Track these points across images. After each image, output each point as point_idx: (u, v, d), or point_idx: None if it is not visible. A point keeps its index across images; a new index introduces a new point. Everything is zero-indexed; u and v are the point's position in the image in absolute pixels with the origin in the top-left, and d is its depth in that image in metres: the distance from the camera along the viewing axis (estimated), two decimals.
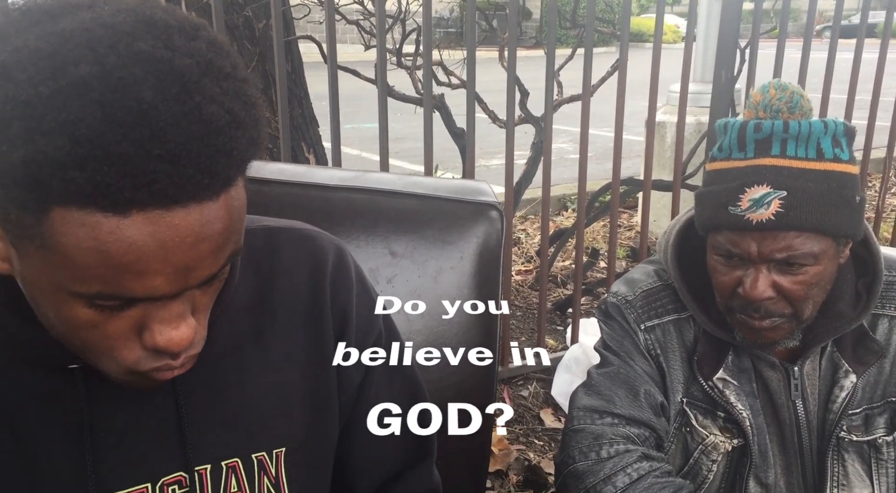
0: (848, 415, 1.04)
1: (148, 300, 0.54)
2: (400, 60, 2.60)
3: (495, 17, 3.17)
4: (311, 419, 0.76)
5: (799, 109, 0.93)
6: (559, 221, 4.10)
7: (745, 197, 0.92)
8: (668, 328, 1.08)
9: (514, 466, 1.99)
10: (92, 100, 0.46)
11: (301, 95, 2.35)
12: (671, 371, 1.08)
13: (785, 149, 0.92)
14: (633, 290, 1.11)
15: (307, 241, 0.77)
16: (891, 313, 1.05)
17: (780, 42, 2.35)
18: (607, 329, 1.13)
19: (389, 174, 1.26)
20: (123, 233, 0.49)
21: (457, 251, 1.11)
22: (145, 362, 0.58)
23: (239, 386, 0.71)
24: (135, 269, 0.50)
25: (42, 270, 0.52)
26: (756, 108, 0.95)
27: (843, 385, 1.03)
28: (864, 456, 1.06)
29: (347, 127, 6.88)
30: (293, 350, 0.74)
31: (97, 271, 0.50)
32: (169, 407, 0.67)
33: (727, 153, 0.96)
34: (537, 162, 2.74)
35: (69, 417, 0.64)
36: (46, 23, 0.50)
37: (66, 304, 0.53)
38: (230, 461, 0.70)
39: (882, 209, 2.99)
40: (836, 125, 0.93)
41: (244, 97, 0.53)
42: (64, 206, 0.48)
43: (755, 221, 0.91)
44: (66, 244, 0.49)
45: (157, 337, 0.56)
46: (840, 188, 0.92)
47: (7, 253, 0.55)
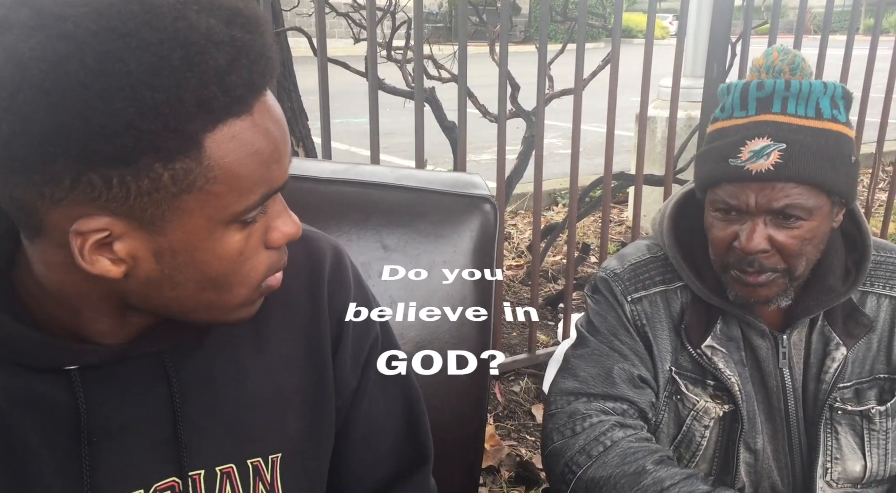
0: (839, 388, 1.07)
1: (279, 190, 0.59)
2: (390, 54, 2.58)
3: (485, 12, 3.15)
4: (308, 423, 0.74)
5: (800, 71, 0.96)
6: (550, 216, 4.09)
7: (745, 149, 0.95)
8: (654, 300, 1.11)
9: (506, 462, 1.98)
10: (205, 10, 0.51)
11: (290, 87, 2.33)
12: (658, 341, 1.10)
13: (786, 106, 0.95)
14: (623, 263, 1.15)
15: (304, 242, 0.75)
16: (878, 291, 1.09)
17: (772, 37, 2.35)
18: (592, 305, 1.15)
19: (382, 167, 1.24)
20: (259, 127, 0.54)
21: (450, 245, 1.09)
22: (274, 265, 0.63)
23: (236, 390, 0.69)
24: (276, 156, 0.56)
25: (202, 215, 0.54)
26: (759, 70, 0.98)
27: (834, 357, 1.07)
28: (856, 428, 1.09)
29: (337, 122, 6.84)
30: (291, 354, 0.73)
31: (257, 174, 0.55)
32: (165, 410, 0.66)
33: (729, 113, 0.99)
34: (528, 157, 2.73)
35: (64, 420, 0.62)
36: None
37: (221, 242, 0.56)
38: (225, 466, 0.69)
39: (871, 204, 3.00)
40: (836, 87, 0.97)
41: None
42: (211, 131, 0.51)
43: (755, 171, 0.94)
44: (230, 163, 0.53)
45: (285, 227, 0.61)
46: (837, 146, 0.96)
47: (132, 249, 0.54)
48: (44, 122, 0.47)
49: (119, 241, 0.53)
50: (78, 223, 0.51)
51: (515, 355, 2.42)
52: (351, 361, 0.77)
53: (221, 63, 0.50)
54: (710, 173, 0.99)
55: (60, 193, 0.50)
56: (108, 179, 0.50)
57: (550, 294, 2.96)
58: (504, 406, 2.24)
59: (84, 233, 0.52)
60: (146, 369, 0.65)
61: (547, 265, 3.19)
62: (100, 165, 0.49)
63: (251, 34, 0.52)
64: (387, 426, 0.82)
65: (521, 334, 2.63)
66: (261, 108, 0.54)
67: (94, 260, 0.53)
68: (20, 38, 0.47)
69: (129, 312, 0.61)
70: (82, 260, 0.53)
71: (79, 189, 0.50)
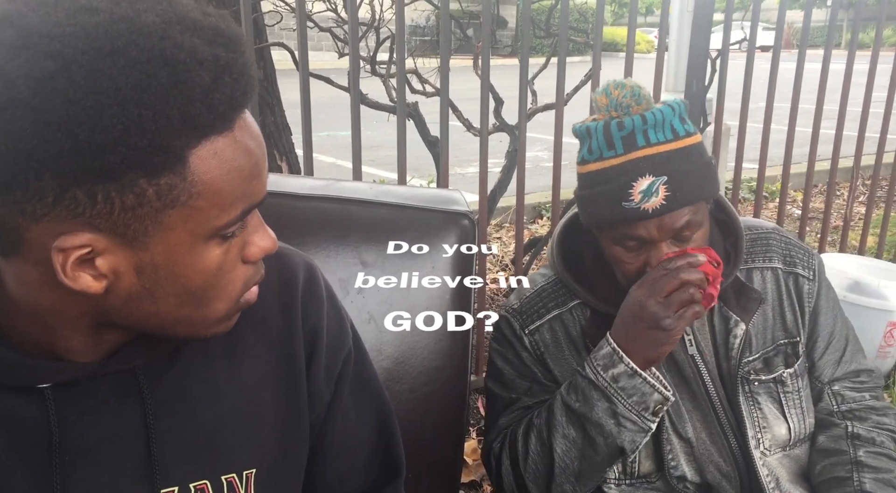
0: (749, 361, 1.14)
1: (258, 205, 0.60)
2: (374, 68, 2.59)
3: (470, 26, 3.18)
4: (282, 438, 0.75)
5: (644, 100, 1.02)
6: (534, 229, 4.11)
7: (634, 191, 1.01)
8: (552, 326, 1.19)
9: (488, 477, 1.98)
10: (188, 30, 0.52)
11: (273, 102, 2.33)
12: (560, 363, 1.18)
13: (648, 138, 1.01)
14: (520, 297, 1.23)
15: (278, 259, 0.76)
16: (760, 265, 1.19)
17: (750, 53, 2.38)
18: (496, 345, 1.24)
19: (361, 183, 1.25)
20: (240, 144, 0.55)
21: (429, 261, 1.10)
22: (251, 280, 0.64)
23: (210, 406, 0.69)
24: (256, 171, 0.57)
25: (184, 230, 0.55)
26: (607, 109, 1.04)
27: (735, 334, 1.14)
28: (773, 395, 1.15)
29: (323, 134, 6.84)
30: (264, 370, 0.73)
31: (238, 189, 0.56)
32: (138, 427, 0.66)
33: (598, 154, 1.04)
34: (512, 170, 2.74)
35: (36, 438, 0.62)
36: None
37: (201, 257, 0.57)
38: (199, 483, 0.69)
39: (850, 218, 3.04)
40: (679, 105, 1.04)
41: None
42: (195, 147, 0.52)
43: (651, 209, 1.01)
44: (213, 179, 0.54)
45: (262, 242, 0.63)
46: (700, 157, 1.04)
47: (114, 264, 0.55)
48: (31, 138, 0.48)
49: (101, 257, 0.54)
50: (60, 240, 0.52)
51: None
52: (324, 375, 0.78)
53: (206, 81, 0.51)
54: (606, 217, 1.05)
55: (43, 209, 0.50)
56: (93, 195, 0.50)
57: None
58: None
59: (66, 249, 0.52)
60: (119, 386, 0.65)
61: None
62: (85, 181, 0.49)
63: (233, 53, 0.54)
64: (360, 439, 0.83)
65: None
66: (241, 125, 0.56)
67: (76, 276, 0.54)
68: (7, 57, 0.48)
69: (105, 329, 0.61)
70: (64, 276, 0.53)
71: (62, 205, 0.50)
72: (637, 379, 1.03)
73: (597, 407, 1.05)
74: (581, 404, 1.07)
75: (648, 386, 1.04)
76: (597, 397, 1.05)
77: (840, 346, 1.21)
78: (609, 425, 1.05)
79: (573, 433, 1.08)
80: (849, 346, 1.21)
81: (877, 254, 3.15)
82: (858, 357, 1.22)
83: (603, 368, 1.05)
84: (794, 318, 1.18)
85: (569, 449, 1.09)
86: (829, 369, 1.20)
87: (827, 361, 1.20)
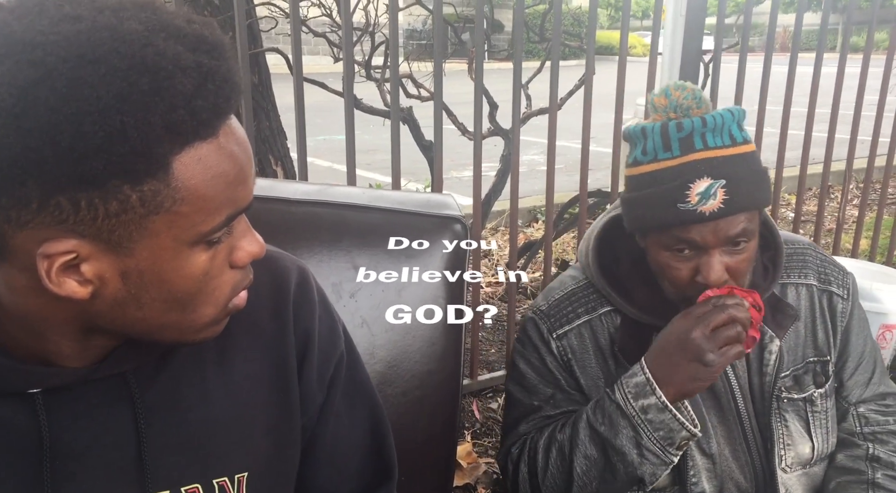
0: (781, 377, 1.13)
1: (244, 211, 0.60)
2: (370, 73, 2.60)
3: (466, 30, 3.19)
4: (274, 441, 0.75)
5: (704, 103, 1.01)
6: (530, 233, 4.12)
7: (691, 192, 0.98)
8: (580, 332, 1.16)
9: (483, 479, 1.98)
10: (171, 38, 0.53)
11: (268, 107, 2.34)
12: (586, 371, 1.15)
13: (706, 141, 0.99)
14: (548, 299, 1.20)
15: (269, 262, 0.76)
16: (795, 281, 1.17)
17: (742, 56, 2.39)
18: (519, 347, 1.22)
19: (354, 188, 1.25)
20: (225, 150, 0.56)
21: (420, 265, 1.11)
22: (239, 285, 0.64)
23: (201, 410, 0.70)
24: (241, 177, 0.58)
25: (169, 235, 0.55)
26: (665, 110, 1.02)
27: (771, 349, 1.12)
28: (801, 414, 1.14)
29: (319, 138, 6.81)
30: (256, 373, 0.74)
31: (223, 195, 0.56)
32: (129, 432, 0.66)
33: (653, 155, 1.02)
34: (507, 174, 2.75)
35: (27, 443, 0.62)
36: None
37: (187, 262, 0.57)
38: (191, 486, 0.69)
39: (843, 221, 3.05)
40: (737, 112, 1.02)
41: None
42: (178, 153, 0.52)
43: (708, 212, 0.98)
44: (196, 185, 0.54)
45: (250, 247, 0.63)
46: (757, 165, 1.02)
47: (99, 270, 0.55)
48: (13, 146, 0.48)
49: (86, 262, 0.54)
50: (45, 246, 0.52)
51: (493, 372, 2.43)
52: (316, 379, 0.78)
53: (188, 88, 0.51)
54: (658, 220, 1.01)
55: (27, 216, 0.51)
56: (77, 202, 0.51)
57: None
58: (482, 424, 2.25)
59: (51, 256, 0.53)
60: (110, 391, 0.65)
61: (526, 282, 3.21)
62: (68, 187, 0.50)
63: (216, 60, 0.54)
64: (353, 443, 0.83)
65: (500, 351, 2.64)
66: (226, 131, 0.56)
67: (62, 282, 0.54)
68: None
69: (93, 334, 0.62)
70: (49, 282, 0.54)
71: (46, 212, 0.51)
72: (667, 414, 1.01)
73: (622, 434, 1.03)
74: (606, 428, 1.05)
75: (677, 423, 1.01)
76: (623, 425, 1.03)
77: (869, 368, 1.20)
78: (632, 454, 1.03)
79: (595, 454, 1.07)
80: (877, 368, 1.21)
81: (870, 257, 3.16)
82: (886, 380, 1.22)
83: (634, 396, 1.02)
84: (826, 336, 1.16)
85: (588, 469, 1.07)
86: (858, 390, 1.19)
87: (856, 382, 1.19)
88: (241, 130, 0.59)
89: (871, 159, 2.90)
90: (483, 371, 2.44)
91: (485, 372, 2.44)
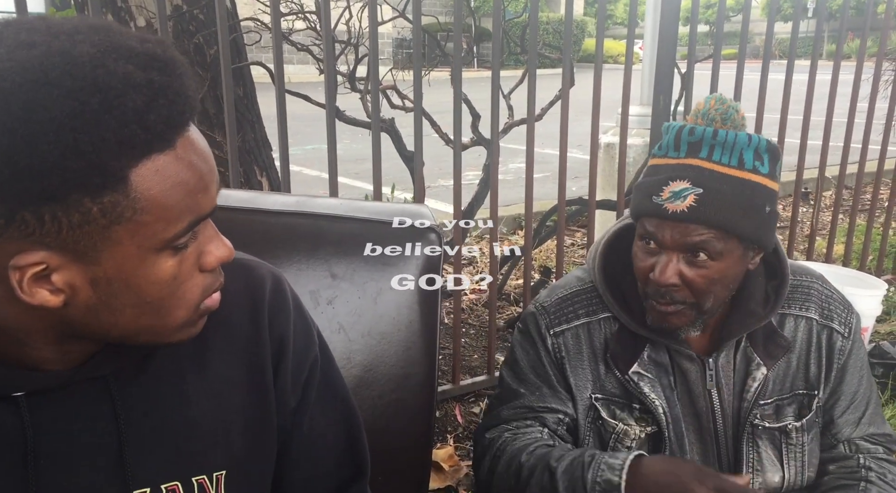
0: (760, 405, 1.15)
1: (207, 217, 0.63)
2: (354, 84, 2.64)
3: (450, 40, 3.23)
4: (251, 441, 0.79)
5: (731, 122, 1.04)
6: (514, 240, 4.17)
7: (667, 189, 1.03)
8: (577, 332, 1.19)
9: (464, 482, 2.02)
10: (122, 58, 0.56)
11: (253, 119, 2.38)
12: (577, 372, 1.18)
13: (712, 153, 1.02)
14: (552, 296, 1.23)
15: (244, 270, 0.80)
16: (796, 313, 1.18)
17: (715, 65, 2.46)
18: (519, 337, 1.24)
19: (333, 199, 1.30)
20: (183, 160, 0.59)
21: (396, 272, 1.15)
22: (209, 287, 0.67)
23: (180, 411, 0.73)
24: (202, 185, 0.60)
25: (133, 243, 0.58)
26: (697, 115, 1.06)
27: (755, 376, 1.14)
28: (775, 442, 1.16)
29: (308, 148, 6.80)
30: (233, 375, 0.77)
31: (183, 203, 0.59)
32: (111, 432, 0.70)
33: (664, 151, 1.07)
34: (489, 183, 2.80)
35: (11, 445, 0.66)
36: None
37: (154, 268, 0.61)
38: (170, 484, 0.73)
39: (816, 227, 3.11)
40: (760, 140, 1.04)
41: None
42: (135, 166, 0.56)
43: (671, 211, 1.02)
44: (155, 195, 0.57)
45: (218, 251, 0.66)
46: (752, 197, 1.02)
47: (69, 279, 0.58)
48: None
49: (56, 272, 0.58)
50: (15, 259, 0.56)
51: (475, 377, 2.47)
52: (291, 381, 0.82)
53: (139, 104, 0.55)
54: (638, 206, 1.08)
55: None
56: (41, 216, 0.54)
57: (513, 317, 3.02)
58: (464, 427, 2.29)
59: (22, 267, 0.56)
60: (92, 394, 0.69)
61: (510, 288, 3.25)
62: (31, 203, 0.54)
63: (168, 76, 0.58)
64: (327, 442, 0.87)
65: (482, 357, 2.68)
66: (184, 142, 0.59)
67: (34, 292, 0.58)
68: None
69: (71, 339, 0.65)
70: (22, 293, 0.57)
71: (13, 227, 0.54)
72: None
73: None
74: (565, 487, 1.06)
75: None
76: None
77: (860, 408, 1.20)
78: None
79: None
80: (869, 409, 1.21)
81: (844, 262, 3.23)
82: (878, 421, 1.22)
83: (601, 489, 1.03)
84: (819, 372, 1.17)
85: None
86: (848, 429, 1.20)
87: (846, 420, 1.20)
88: (202, 141, 0.62)
89: (843, 166, 2.97)
90: (465, 376, 2.48)
91: (467, 377, 2.48)
